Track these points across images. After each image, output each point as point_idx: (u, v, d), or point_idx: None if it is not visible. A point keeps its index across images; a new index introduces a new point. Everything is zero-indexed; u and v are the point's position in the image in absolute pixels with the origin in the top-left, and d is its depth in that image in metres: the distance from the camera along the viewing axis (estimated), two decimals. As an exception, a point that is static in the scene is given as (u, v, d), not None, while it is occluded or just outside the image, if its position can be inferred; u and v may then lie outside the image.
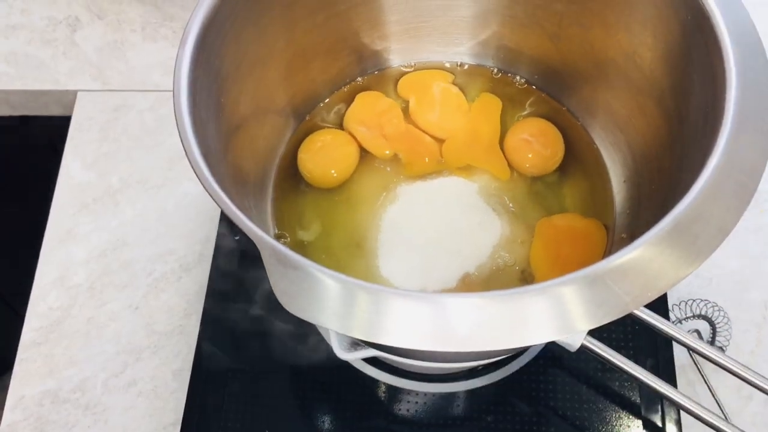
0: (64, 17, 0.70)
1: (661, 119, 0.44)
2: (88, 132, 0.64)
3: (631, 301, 0.29)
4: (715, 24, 0.37)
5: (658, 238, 0.31)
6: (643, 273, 0.30)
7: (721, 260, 0.57)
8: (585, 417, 0.50)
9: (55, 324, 0.56)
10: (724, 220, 0.31)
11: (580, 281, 0.30)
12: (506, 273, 0.47)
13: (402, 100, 0.54)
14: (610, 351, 0.41)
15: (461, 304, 0.30)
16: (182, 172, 0.62)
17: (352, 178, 0.51)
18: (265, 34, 0.44)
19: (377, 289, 0.30)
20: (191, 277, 0.57)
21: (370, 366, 0.52)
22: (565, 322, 0.29)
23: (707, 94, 0.37)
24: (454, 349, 0.29)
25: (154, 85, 0.66)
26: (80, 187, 0.61)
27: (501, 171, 0.51)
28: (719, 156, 0.33)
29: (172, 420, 0.52)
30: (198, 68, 0.37)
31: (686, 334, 0.43)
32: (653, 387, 0.42)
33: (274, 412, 0.51)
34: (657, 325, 0.43)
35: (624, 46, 0.45)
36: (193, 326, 0.55)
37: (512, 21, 0.51)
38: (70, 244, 0.59)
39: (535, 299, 0.29)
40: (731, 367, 0.42)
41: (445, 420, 0.51)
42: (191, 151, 0.34)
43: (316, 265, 0.31)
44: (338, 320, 0.29)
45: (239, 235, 0.57)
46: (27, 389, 0.54)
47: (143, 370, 0.54)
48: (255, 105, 0.46)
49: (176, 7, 0.70)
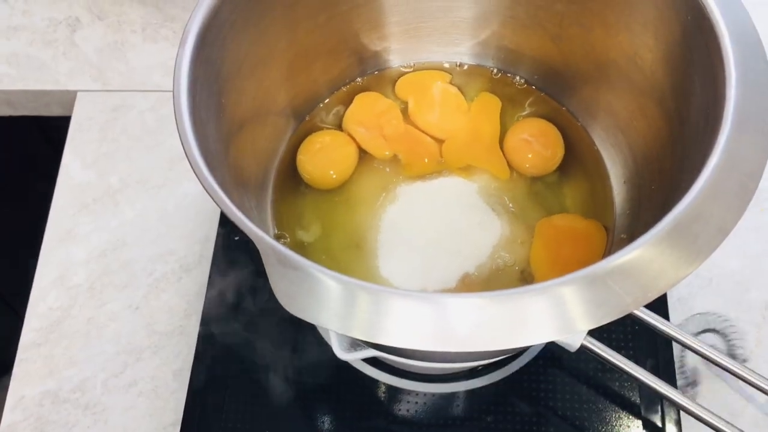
0: (65, 18, 0.70)
1: (661, 120, 0.44)
2: (88, 132, 0.64)
3: (631, 302, 0.29)
4: (715, 25, 0.37)
5: (658, 238, 0.31)
6: (644, 273, 0.30)
7: (721, 260, 0.57)
8: (585, 417, 0.50)
9: (55, 324, 0.56)
10: (725, 220, 0.31)
11: (580, 281, 0.30)
12: (506, 273, 0.47)
13: (401, 101, 0.54)
14: (610, 351, 0.41)
15: (461, 304, 0.30)
16: (182, 172, 0.62)
17: (352, 179, 0.51)
18: (266, 34, 0.44)
19: (377, 289, 0.30)
20: (191, 278, 0.57)
21: (370, 366, 0.52)
22: (565, 322, 0.29)
23: (708, 94, 0.37)
24: (455, 349, 0.29)
25: (155, 85, 0.66)
26: (80, 187, 0.61)
27: (501, 171, 0.51)
28: (719, 156, 0.33)
29: (172, 420, 0.52)
30: (198, 69, 0.37)
31: (686, 335, 0.43)
32: (653, 387, 0.42)
33: (274, 412, 0.51)
34: (657, 326, 0.43)
35: (625, 47, 0.45)
36: (193, 326, 0.55)
37: (513, 21, 0.51)
38: (70, 245, 0.59)
39: (536, 299, 0.29)
40: (731, 368, 0.42)
41: (445, 420, 0.51)
42: (191, 151, 0.34)
43: (316, 266, 0.31)
44: (338, 320, 0.29)
45: (239, 236, 0.57)
46: (27, 389, 0.54)
47: (143, 370, 0.54)
48: (255, 106, 0.46)
49: (177, 8, 0.70)
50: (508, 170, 0.51)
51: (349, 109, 0.53)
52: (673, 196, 0.34)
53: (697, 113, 0.39)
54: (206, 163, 0.34)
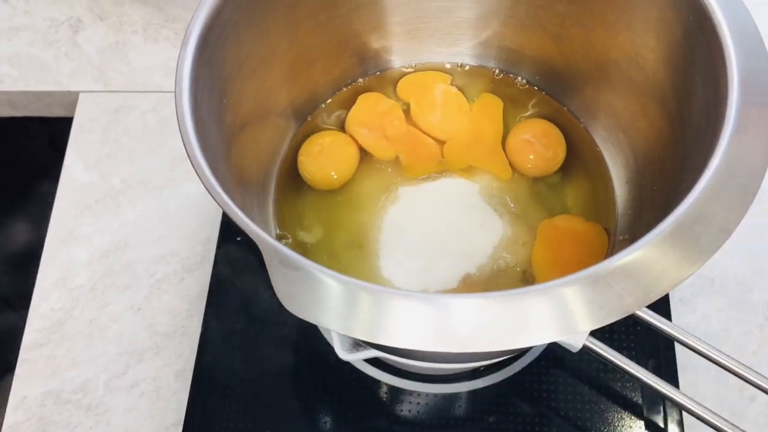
0: (66, 18, 0.70)
1: (663, 120, 0.44)
2: (90, 133, 0.64)
3: (633, 302, 0.29)
4: (717, 25, 0.37)
5: (660, 238, 0.30)
6: (646, 273, 0.30)
7: (723, 260, 0.57)
8: (587, 418, 0.50)
9: (57, 325, 0.56)
10: (727, 221, 0.31)
11: (582, 282, 0.30)
12: (507, 274, 0.47)
13: (403, 102, 0.54)
14: (612, 352, 0.41)
15: (463, 305, 0.30)
16: (184, 173, 0.62)
17: (354, 180, 0.51)
18: (267, 34, 0.44)
19: (379, 289, 0.30)
20: (193, 278, 0.57)
21: (372, 367, 0.52)
22: (567, 323, 0.29)
23: (709, 95, 0.37)
24: (456, 350, 0.29)
25: (156, 86, 0.66)
26: (82, 188, 0.61)
27: (503, 171, 0.51)
28: (721, 156, 0.33)
29: (174, 421, 0.52)
30: (200, 69, 0.37)
31: (688, 335, 0.43)
32: (655, 388, 0.42)
33: (275, 413, 0.51)
34: (659, 326, 0.43)
35: (626, 47, 0.45)
36: (195, 327, 0.55)
37: (514, 22, 0.51)
38: (72, 246, 0.59)
39: (537, 300, 0.29)
40: (734, 368, 0.42)
41: (447, 421, 0.51)
42: (193, 152, 0.34)
43: (318, 266, 0.31)
44: (339, 321, 0.29)
45: (241, 236, 0.57)
46: (29, 390, 0.54)
47: (145, 371, 0.54)
48: (257, 106, 0.46)
49: (178, 9, 0.70)
50: (510, 171, 0.51)
51: (352, 110, 0.53)
52: (675, 196, 0.34)
53: (699, 114, 0.39)
54: (208, 163, 0.34)
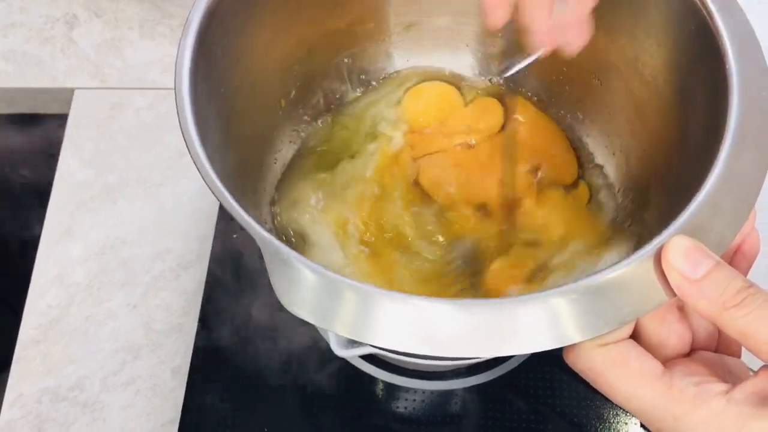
0: (62, 15, 0.69)
1: (661, 129, 0.44)
2: (86, 130, 0.64)
3: (629, 312, 0.29)
4: (718, 35, 0.36)
5: (657, 250, 0.30)
6: (642, 284, 0.30)
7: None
8: (583, 414, 0.51)
9: (53, 322, 0.56)
10: (723, 234, 0.31)
11: (577, 291, 0.29)
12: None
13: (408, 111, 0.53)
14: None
15: (457, 309, 0.29)
16: (180, 170, 0.62)
17: (356, 178, 0.50)
18: (267, 25, 0.44)
19: (374, 291, 0.29)
20: (189, 276, 0.57)
21: (368, 363, 0.53)
22: (559, 332, 0.28)
23: (708, 105, 0.37)
24: (450, 355, 0.29)
25: (152, 82, 0.66)
26: (78, 185, 0.61)
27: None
28: (719, 170, 0.32)
29: (170, 418, 0.52)
30: (199, 59, 0.37)
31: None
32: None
33: (272, 410, 0.51)
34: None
35: (626, 52, 0.45)
36: (191, 324, 0.55)
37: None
38: (68, 242, 0.59)
39: (529, 308, 0.29)
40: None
41: (444, 417, 0.51)
42: (192, 143, 0.34)
43: (314, 264, 0.30)
44: (336, 320, 0.29)
45: (238, 233, 0.57)
46: (25, 387, 0.54)
47: (141, 368, 0.54)
48: (256, 97, 0.46)
49: (174, 5, 0.70)
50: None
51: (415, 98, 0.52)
52: (672, 204, 0.34)
53: (697, 124, 0.38)
54: (207, 156, 0.34)
